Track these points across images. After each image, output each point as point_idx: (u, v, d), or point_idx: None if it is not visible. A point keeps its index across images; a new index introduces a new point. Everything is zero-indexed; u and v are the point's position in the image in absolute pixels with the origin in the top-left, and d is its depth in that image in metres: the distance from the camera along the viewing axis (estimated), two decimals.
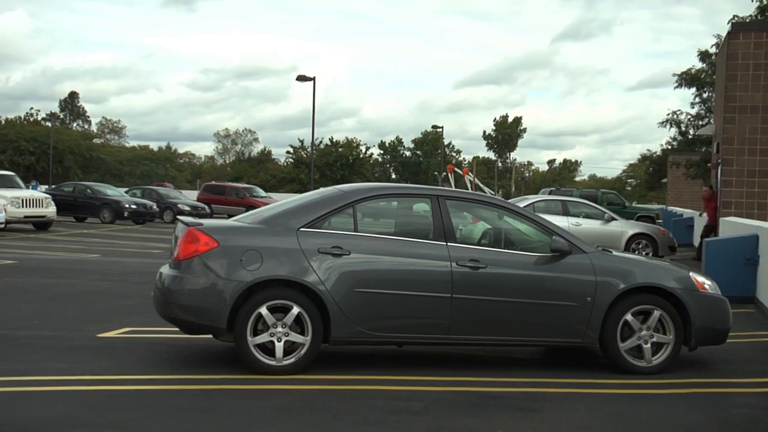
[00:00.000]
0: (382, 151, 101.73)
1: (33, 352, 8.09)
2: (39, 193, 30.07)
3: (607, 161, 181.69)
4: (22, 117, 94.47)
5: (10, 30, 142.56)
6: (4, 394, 6.48)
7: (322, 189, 8.95)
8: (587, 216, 22.40)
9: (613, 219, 22.40)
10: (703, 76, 34.30)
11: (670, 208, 39.97)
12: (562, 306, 7.83)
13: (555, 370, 8.17)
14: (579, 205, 23.49)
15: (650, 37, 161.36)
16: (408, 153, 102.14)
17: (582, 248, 8.05)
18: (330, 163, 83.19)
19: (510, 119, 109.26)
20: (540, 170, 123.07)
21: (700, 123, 35.00)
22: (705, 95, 34.92)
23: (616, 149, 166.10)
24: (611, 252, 8.51)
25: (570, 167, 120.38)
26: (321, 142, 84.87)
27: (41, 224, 27.92)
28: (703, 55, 34.02)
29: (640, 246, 21.62)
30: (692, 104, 36.51)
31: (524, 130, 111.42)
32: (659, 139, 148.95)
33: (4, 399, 6.34)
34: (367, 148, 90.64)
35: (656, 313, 7.90)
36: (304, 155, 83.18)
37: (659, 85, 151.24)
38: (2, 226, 24.96)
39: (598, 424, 6.37)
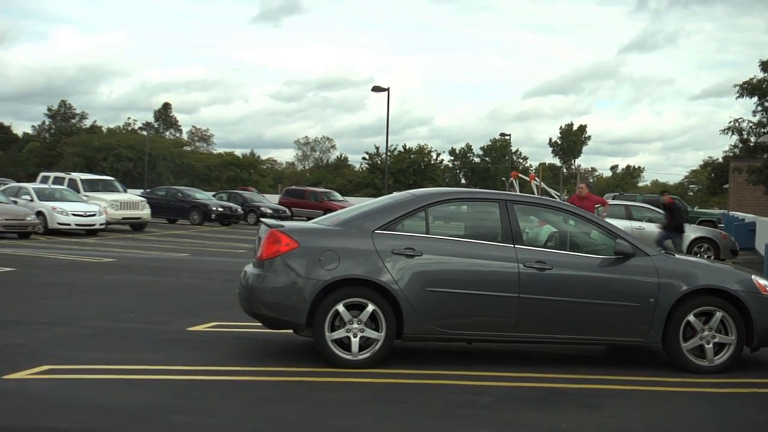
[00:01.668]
0: (452, 158, 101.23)
1: (130, 343, 8.27)
2: (135, 196, 30.77)
3: (670, 167, 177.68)
4: (121, 126, 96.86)
5: (114, 48, 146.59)
6: (104, 381, 6.64)
7: (395, 193, 8.96)
8: (650, 220, 21.95)
9: None
10: (765, 85, 33.33)
11: (732, 213, 38.94)
12: (625, 306, 7.69)
13: (618, 367, 8.01)
14: (642, 210, 23.04)
15: (715, 48, 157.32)
16: (477, 159, 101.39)
17: (645, 251, 7.90)
18: (403, 168, 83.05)
19: (575, 127, 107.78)
20: (604, 176, 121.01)
21: (762, 131, 34.01)
22: (767, 104, 33.92)
23: (678, 156, 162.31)
24: (674, 255, 8.32)
25: (633, 173, 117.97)
26: (395, 149, 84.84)
27: (137, 225, 28.58)
28: (765, 65, 33.07)
29: (702, 249, 21.09)
30: (754, 112, 35.51)
31: (589, 137, 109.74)
32: (721, 146, 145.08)
33: (104, 385, 6.50)
34: (438, 155, 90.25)
35: (718, 315, 7.69)
36: (379, 161, 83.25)
37: (722, 94, 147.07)
38: (103, 227, 25.64)
39: (660, 420, 6.23)
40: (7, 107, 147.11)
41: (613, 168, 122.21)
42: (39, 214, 24.44)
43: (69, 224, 24.68)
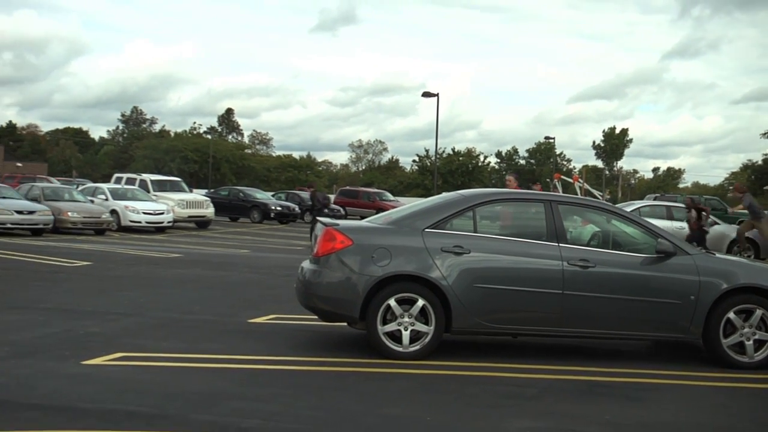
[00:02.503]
0: (498, 160, 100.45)
1: (195, 333, 8.38)
2: (200, 196, 31.18)
3: (711, 170, 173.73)
4: (187, 130, 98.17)
5: (183, 58, 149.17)
6: (171, 368, 6.74)
7: (444, 194, 8.93)
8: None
9: (716, 223, 21.44)
10: None
11: None
12: (666, 303, 7.56)
13: (658, 362, 7.87)
14: (683, 210, 22.60)
15: (757, 53, 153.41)
16: (522, 162, 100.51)
17: (686, 250, 7.76)
18: (452, 170, 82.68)
19: (617, 131, 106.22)
20: (645, 177, 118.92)
21: None
22: None
23: (719, 158, 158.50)
24: (714, 254, 8.15)
25: (673, 175, 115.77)
26: (444, 151, 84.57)
27: (202, 223, 28.97)
28: None
29: (742, 249, 20.59)
30: None
31: (630, 140, 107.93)
32: (762, 150, 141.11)
33: (171, 372, 6.60)
34: (485, 157, 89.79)
35: (758, 312, 7.52)
36: (428, 163, 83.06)
37: (764, 99, 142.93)
38: (170, 224, 26.05)
39: (700, 414, 6.12)
40: (86, 113, 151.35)
41: (655, 170, 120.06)
42: (113, 212, 24.96)
43: (140, 222, 25.15)
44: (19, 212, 21.58)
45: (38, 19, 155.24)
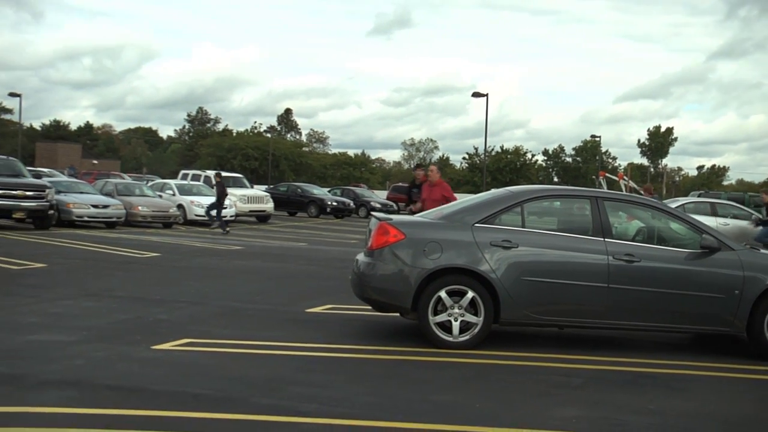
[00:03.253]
0: (545, 158, 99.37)
1: (255, 321, 8.48)
2: (260, 192, 31.49)
3: (756, 167, 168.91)
4: (248, 129, 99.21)
5: (246, 61, 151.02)
6: (234, 354, 6.84)
7: (493, 190, 8.87)
8: (735, 217, 21.04)
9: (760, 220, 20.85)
10: None
11: None
12: (710, 297, 7.41)
13: (703, 354, 7.71)
14: (727, 207, 22.11)
15: None
16: (569, 159, 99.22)
17: (730, 246, 7.58)
18: (500, 167, 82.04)
19: (662, 129, 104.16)
20: (689, 175, 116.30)
21: None
22: None
23: (764, 156, 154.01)
24: (759, 249, 7.95)
25: (717, 172, 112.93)
26: (493, 149, 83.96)
27: (262, 217, 29.29)
28: None
29: None
30: None
31: (675, 139, 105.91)
32: None
33: (234, 357, 6.69)
34: (533, 155, 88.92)
35: None
36: (478, 161, 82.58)
37: None
38: (233, 218, 26.38)
39: (744, 405, 5.98)
40: (155, 114, 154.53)
41: (699, 168, 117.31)
42: (179, 206, 25.41)
43: (204, 216, 25.53)
44: (95, 206, 22.15)
45: (114, 26, 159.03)
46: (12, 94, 49.74)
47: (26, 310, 8.54)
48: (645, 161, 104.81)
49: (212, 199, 25.57)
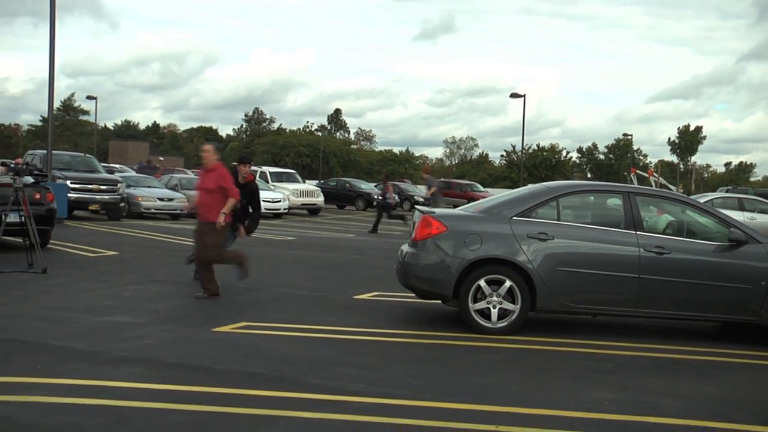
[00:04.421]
0: (579, 155, 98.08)
1: (307, 306, 8.54)
2: (312, 186, 31.67)
3: None
4: (301, 128, 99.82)
5: (300, 64, 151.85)
6: (287, 336, 6.90)
7: (530, 185, 8.79)
8: (762, 211, 20.51)
9: None
10: None
11: None
12: (738, 288, 7.24)
13: (730, 343, 7.53)
14: (754, 202, 21.55)
15: None
16: (602, 157, 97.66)
17: (758, 239, 7.40)
18: (536, 164, 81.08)
19: (692, 128, 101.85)
20: (717, 172, 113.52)
21: None
22: None
23: None
24: None
25: (745, 169, 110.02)
26: (530, 147, 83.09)
27: (313, 210, 29.46)
28: None
29: None
30: None
31: (704, 137, 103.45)
32: None
33: (287, 340, 6.76)
34: (567, 153, 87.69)
35: None
36: (515, 158, 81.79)
37: None
38: (286, 211, 26.59)
39: None
40: (216, 114, 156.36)
41: (727, 164, 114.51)
42: None
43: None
44: (161, 199, 22.61)
45: (180, 34, 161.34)
46: (89, 97, 51.01)
47: (101, 293, 8.74)
48: (675, 159, 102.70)
49: (271, 194, 25.80)
